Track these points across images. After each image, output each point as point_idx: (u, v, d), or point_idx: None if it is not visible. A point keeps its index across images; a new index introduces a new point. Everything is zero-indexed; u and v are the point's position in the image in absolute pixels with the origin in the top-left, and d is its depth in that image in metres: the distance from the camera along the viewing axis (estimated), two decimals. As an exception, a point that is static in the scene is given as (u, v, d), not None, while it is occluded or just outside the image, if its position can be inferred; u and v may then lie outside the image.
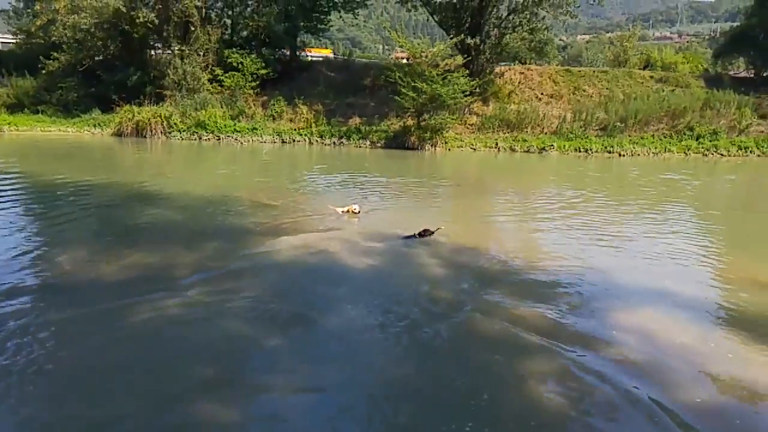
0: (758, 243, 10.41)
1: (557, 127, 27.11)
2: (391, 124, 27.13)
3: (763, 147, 25.48)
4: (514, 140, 26.38)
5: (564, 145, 25.74)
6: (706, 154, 25.31)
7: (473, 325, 6.01)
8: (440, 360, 5.34)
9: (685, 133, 26.59)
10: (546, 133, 27.05)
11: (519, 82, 30.64)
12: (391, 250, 8.82)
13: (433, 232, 9.21)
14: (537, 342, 5.51)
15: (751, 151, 25.42)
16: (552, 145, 25.69)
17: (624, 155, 25.07)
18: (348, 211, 10.97)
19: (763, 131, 26.64)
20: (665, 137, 26.56)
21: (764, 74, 30.98)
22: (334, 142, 26.72)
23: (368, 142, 26.45)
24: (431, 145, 25.56)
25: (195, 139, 26.65)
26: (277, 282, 7.45)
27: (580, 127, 26.88)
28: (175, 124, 27.29)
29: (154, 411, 4.43)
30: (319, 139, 27.01)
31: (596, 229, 10.69)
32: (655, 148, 25.66)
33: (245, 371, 5.08)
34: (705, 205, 14.60)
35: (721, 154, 25.29)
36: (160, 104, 28.36)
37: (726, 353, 5.47)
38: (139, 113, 27.52)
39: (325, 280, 7.39)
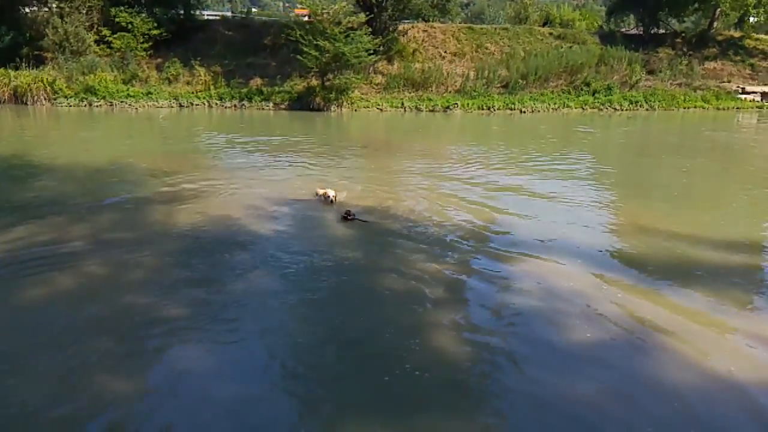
0: (647, 190, 11.25)
1: (461, 86, 27.57)
2: (295, 84, 26.41)
3: (650, 101, 27.39)
4: (419, 99, 26.59)
5: (468, 104, 26.29)
6: (601, 109, 26.81)
7: (379, 281, 6.10)
8: (347, 315, 5.40)
9: (582, 89, 27.94)
10: (450, 92, 27.46)
11: (423, 41, 30.68)
12: (296, 213, 8.70)
13: (355, 216, 8.13)
14: (440, 295, 5.69)
15: (640, 105, 27.25)
16: (456, 104, 26.16)
17: (525, 112, 26.02)
18: (323, 195, 9.22)
19: (650, 86, 28.56)
20: (564, 93, 27.79)
21: (651, 32, 32.99)
22: (235, 105, 25.67)
23: (271, 104, 25.66)
24: (337, 106, 25.24)
25: (84, 106, 24.61)
26: (178, 250, 7.16)
27: (483, 85, 27.50)
28: (60, 89, 24.97)
29: (53, 387, 4.18)
30: (219, 102, 25.82)
31: (499, 182, 11.09)
32: (555, 104, 26.82)
33: (146, 340, 4.88)
34: (601, 156, 15.55)
35: (615, 109, 26.89)
36: (41, 68, 25.84)
37: (615, 293, 5.88)
38: (16, 78, 24.92)
39: (228, 245, 7.20)
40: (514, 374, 4.53)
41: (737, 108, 27.50)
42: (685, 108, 27.22)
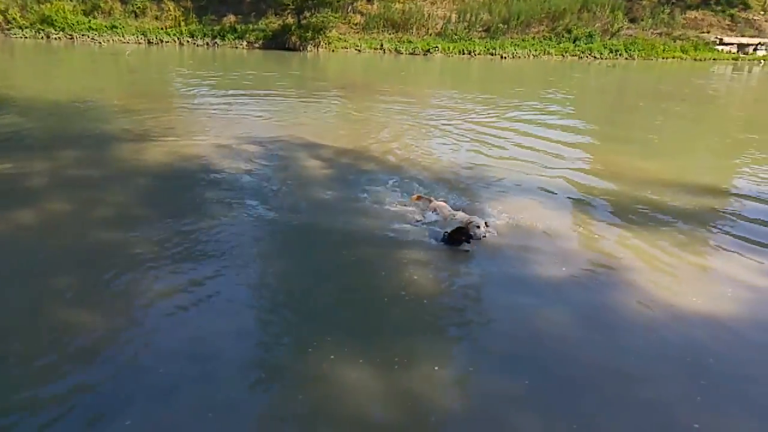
0: (623, 136, 11.22)
1: (442, 29, 26.96)
2: (270, 22, 25.47)
3: (630, 50, 27.16)
4: (399, 41, 25.95)
5: (448, 47, 25.76)
6: (581, 57, 26.54)
7: (353, 220, 6.01)
8: (322, 251, 5.33)
9: (563, 36, 27.57)
10: (431, 35, 26.84)
11: (404, -20, 29.72)
12: (267, 154, 8.46)
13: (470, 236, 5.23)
14: (416, 234, 5.64)
15: (620, 54, 27.02)
16: (437, 47, 25.62)
17: (506, 57, 25.65)
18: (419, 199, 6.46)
19: (631, 34, 28.28)
20: (545, 39, 27.39)
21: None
22: (207, 43, 24.73)
23: (245, 43, 24.79)
24: (313, 46, 24.51)
25: (42, 38, 23.36)
26: (147, 187, 6.95)
27: (465, 28, 26.92)
28: (14, 19, 23.60)
29: (15, 320, 4.05)
30: (190, 40, 24.81)
31: (478, 127, 10.94)
32: (535, 50, 26.45)
33: (114, 273, 4.73)
34: (579, 104, 15.47)
35: (595, 57, 26.65)
36: (-7, -5, 24.36)
37: (590, 234, 5.91)
38: (-36, 5, 23.53)
39: (197, 184, 6.98)
40: (488, 305, 4.54)
41: (714, 59, 27.50)
42: (663, 58, 27.12)
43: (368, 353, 3.82)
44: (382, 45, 25.58)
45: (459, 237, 5.19)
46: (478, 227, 5.13)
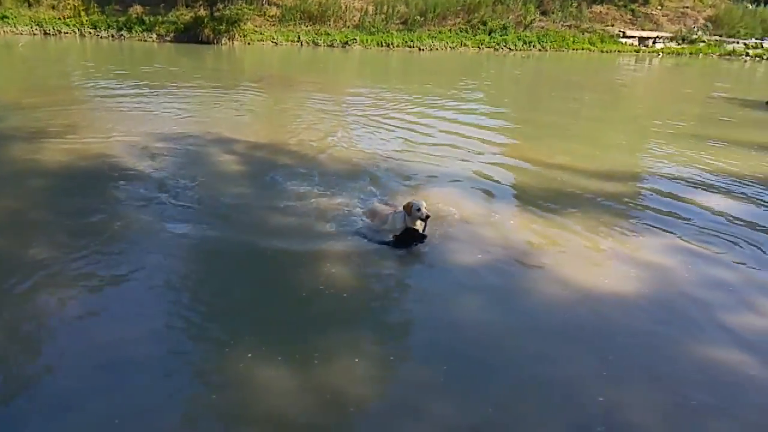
0: (537, 125, 11.64)
1: (360, 20, 26.90)
2: (181, 14, 24.42)
3: (543, 42, 28.27)
4: (316, 34, 25.65)
5: (366, 39, 25.75)
6: (496, 49, 27.29)
7: (268, 216, 5.86)
8: (234, 248, 5.15)
9: (479, 28, 28.23)
10: (349, 27, 26.72)
11: (321, -29, 29.38)
12: (179, 151, 8.08)
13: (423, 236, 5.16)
14: (331, 228, 5.57)
15: (534, 45, 28.05)
16: (355, 39, 25.54)
17: (423, 50, 25.95)
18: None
19: (543, 27, 29.41)
20: (461, 32, 27.94)
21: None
22: (112, 35, 23.35)
23: (155, 36, 23.63)
24: (228, 39, 23.75)
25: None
26: (43, 190, 6.46)
27: (382, 20, 27.00)
28: None
29: None
30: (92, 31, 23.32)
31: (396, 119, 10.98)
32: (452, 42, 26.94)
33: (9, 286, 4.33)
34: (495, 95, 15.88)
35: (510, 49, 27.50)
36: None
37: (506, 221, 6.05)
38: None
39: (101, 185, 6.54)
40: (406, 295, 4.56)
41: (618, 51, 29.12)
42: (573, 49, 28.41)
43: (287, 350, 3.73)
44: (299, 37, 25.19)
45: (408, 238, 5.08)
46: (419, 210, 5.07)
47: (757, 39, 31.23)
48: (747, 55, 29.82)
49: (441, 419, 3.19)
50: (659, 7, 32.44)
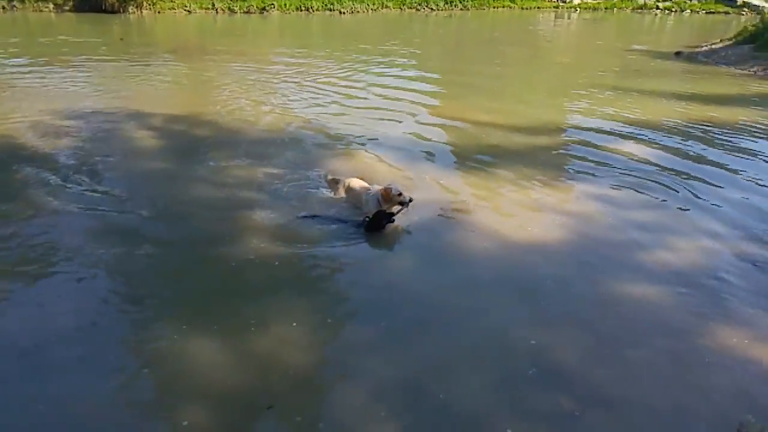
0: (462, 84, 11.71)
1: (277, -15, 25.93)
2: (81, -19, 22.67)
3: (464, 1, 28.26)
4: (232, 0, 24.55)
5: (285, 4, 24.92)
6: (418, 9, 27.10)
7: (189, 189, 5.63)
8: (158, 229, 4.91)
9: (400, -12, 27.91)
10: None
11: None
12: (91, 128, 7.59)
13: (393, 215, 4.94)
14: (256, 196, 5.42)
15: (455, 5, 28.04)
16: (273, 5, 24.65)
17: (344, 12, 25.40)
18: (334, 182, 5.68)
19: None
20: (382, -7, 27.53)
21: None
22: (3, 6, 21.41)
23: (51, 5, 21.87)
24: (136, 8, 22.32)
25: None
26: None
27: (300, -16, 26.13)
28: None
29: None
30: (-20, 3, 21.31)
31: (321, 83, 10.76)
32: (374, 4, 26.50)
33: None
34: (421, 54, 15.77)
35: (431, 9, 27.37)
36: None
37: (437, 180, 6.04)
38: None
39: (7, 168, 6.05)
40: (339, 259, 4.48)
41: (538, 7, 29.66)
42: (494, 7, 28.68)
43: (222, 320, 3.66)
44: (213, 5, 24.04)
45: (380, 221, 4.83)
46: (400, 194, 4.91)
47: (665, -8, 32.58)
48: (657, 8, 31.10)
49: (379, 376, 3.21)
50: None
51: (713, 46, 16.94)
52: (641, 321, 3.79)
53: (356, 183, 5.40)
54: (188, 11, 23.29)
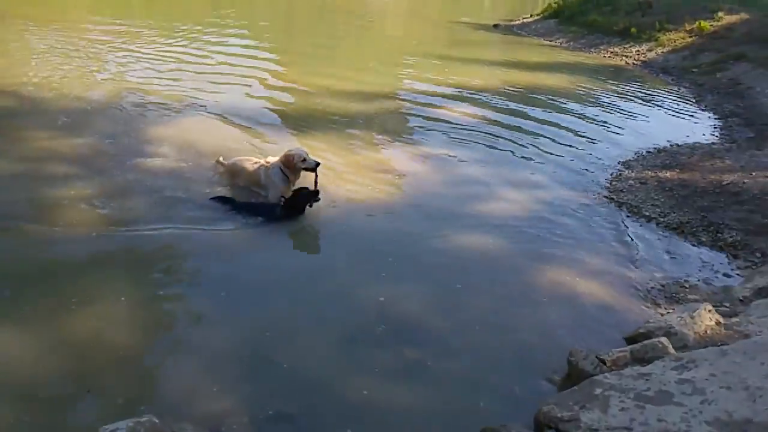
0: (300, 52, 11.42)
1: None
2: None
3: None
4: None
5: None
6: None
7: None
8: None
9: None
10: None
11: None
12: None
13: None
14: (59, 171, 4.78)
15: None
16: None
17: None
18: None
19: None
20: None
21: None
22: None
23: None
24: None
25: None
26: None
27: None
28: None
29: None
30: None
31: (159, 53, 9.72)
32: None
33: None
34: (255, 25, 15.08)
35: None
36: None
37: (273, 143, 5.81)
38: None
39: None
40: (162, 233, 4.02)
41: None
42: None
43: (36, 301, 3.15)
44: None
45: (301, 201, 4.21)
46: (304, 159, 4.32)
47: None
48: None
49: (213, 349, 2.95)
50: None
51: (525, 20, 18.51)
52: (479, 269, 3.96)
53: (244, 162, 4.73)
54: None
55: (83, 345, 2.89)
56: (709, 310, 3.23)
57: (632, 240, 4.46)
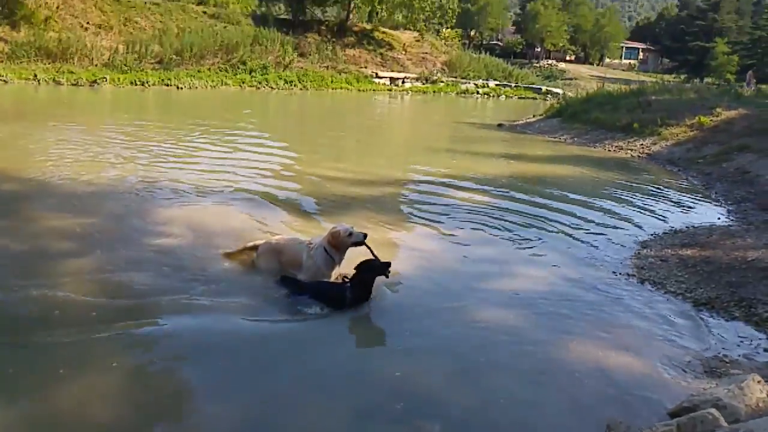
0: (310, 149, 11.66)
1: (109, 59, 24.65)
2: None
3: (303, 81, 29.22)
4: (57, 72, 22.75)
5: (118, 78, 23.65)
6: (259, 87, 27.32)
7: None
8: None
9: (239, 67, 28.03)
10: (97, 66, 24.29)
11: (57, 7, 26.37)
12: None
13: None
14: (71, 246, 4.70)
15: (294, 84, 28.78)
16: (105, 78, 23.28)
17: (182, 88, 24.74)
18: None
19: (302, 67, 30.47)
20: (221, 71, 27.39)
21: (300, 18, 35.16)
22: None
23: None
24: (-63, 76, 19.74)
25: None
26: None
27: (135, 59, 25.15)
28: None
29: None
30: None
31: (163, 152, 9.92)
32: (212, 81, 26.19)
33: None
34: (267, 127, 15.63)
35: (272, 87, 27.75)
36: None
37: (286, 226, 5.75)
38: None
39: None
40: (160, 302, 3.88)
41: (374, 90, 31.59)
42: (333, 89, 29.94)
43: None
44: (35, 75, 22.07)
45: (369, 277, 3.87)
46: (350, 234, 4.06)
47: (483, 80, 36.88)
48: (478, 92, 34.90)
49: (213, 421, 2.71)
50: (403, 53, 36.37)
51: (528, 120, 19.14)
52: (502, 342, 3.72)
53: (281, 240, 4.45)
54: (4, 81, 21.05)
55: (68, 415, 2.65)
56: (759, 381, 2.96)
57: (661, 315, 4.22)
